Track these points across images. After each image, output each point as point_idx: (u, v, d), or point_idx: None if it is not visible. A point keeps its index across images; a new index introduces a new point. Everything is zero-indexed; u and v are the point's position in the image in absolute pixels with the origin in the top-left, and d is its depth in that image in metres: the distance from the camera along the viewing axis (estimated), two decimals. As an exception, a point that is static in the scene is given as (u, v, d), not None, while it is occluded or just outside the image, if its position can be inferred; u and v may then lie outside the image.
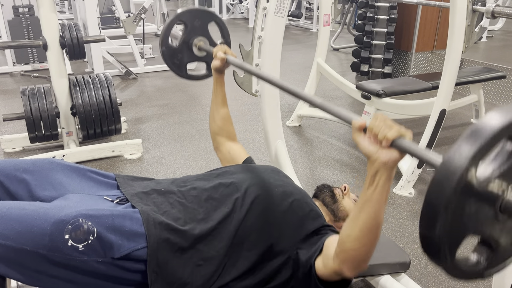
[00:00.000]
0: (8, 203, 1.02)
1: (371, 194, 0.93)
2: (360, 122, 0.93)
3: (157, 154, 3.02)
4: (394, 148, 0.87)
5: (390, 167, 0.90)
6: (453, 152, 0.61)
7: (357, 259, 1.01)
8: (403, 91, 2.95)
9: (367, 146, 0.91)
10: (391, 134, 0.86)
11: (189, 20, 1.68)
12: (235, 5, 9.74)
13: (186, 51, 1.73)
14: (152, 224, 1.10)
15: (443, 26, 4.49)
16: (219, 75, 1.61)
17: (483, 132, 0.60)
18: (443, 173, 0.62)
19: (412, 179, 2.52)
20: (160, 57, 5.45)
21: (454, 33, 2.27)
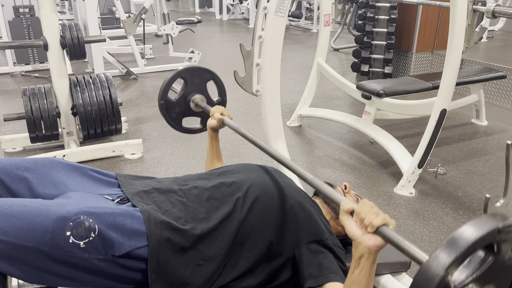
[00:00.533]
0: (10, 200, 1.02)
1: (357, 275, 0.97)
2: (348, 205, 0.98)
3: (157, 154, 3.02)
4: (378, 235, 0.91)
5: (374, 252, 0.94)
6: (431, 260, 0.70)
7: None
8: (403, 91, 2.95)
9: (353, 229, 0.95)
10: (376, 221, 0.91)
11: (189, 77, 1.77)
12: (235, 6, 9.74)
13: (184, 105, 1.81)
14: (153, 223, 1.10)
15: (443, 26, 4.49)
16: (214, 133, 1.68)
17: (459, 243, 0.69)
18: (422, 279, 0.70)
19: (412, 179, 2.52)
20: (160, 58, 5.48)
21: (455, 33, 2.27)
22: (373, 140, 3.14)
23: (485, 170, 2.82)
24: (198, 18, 5.20)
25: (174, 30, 5.13)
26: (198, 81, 1.81)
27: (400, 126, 3.49)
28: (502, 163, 2.91)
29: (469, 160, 2.96)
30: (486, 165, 2.89)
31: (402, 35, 4.50)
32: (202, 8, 10.86)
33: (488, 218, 0.73)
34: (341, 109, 3.88)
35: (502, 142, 3.24)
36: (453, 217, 2.30)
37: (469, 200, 2.46)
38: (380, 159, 2.95)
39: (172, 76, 1.76)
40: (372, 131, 2.96)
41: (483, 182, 2.67)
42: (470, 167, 2.86)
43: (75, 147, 2.92)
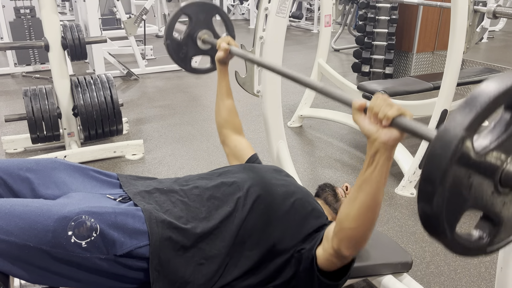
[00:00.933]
0: (12, 200, 1.02)
1: (370, 173, 0.91)
2: (360, 102, 0.92)
3: (158, 155, 3.02)
4: (394, 127, 0.86)
5: (391, 147, 0.88)
6: (448, 123, 0.59)
7: (354, 238, 1.01)
8: (404, 91, 2.95)
9: (367, 126, 0.89)
10: (391, 113, 0.85)
11: (193, 13, 1.67)
12: (236, 6, 9.74)
13: (191, 44, 1.72)
14: (154, 222, 1.10)
15: (444, 27, 4.49)
16: (223, 67, 1.61)
17: (478, 100, 0.58)
18: (438, 144, 0.60)
19: (413, 179, 2.52)
20: (161, 59, 5.48)
21: (456, 34, 2.27)
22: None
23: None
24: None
25: (175, 30, 5.12)
26: (203, 17, 1.71)
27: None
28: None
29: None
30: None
31: (403, 36, 4.50)
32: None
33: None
34: (341, 109, 3.88)
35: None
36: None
37: (470, 201, 2.46)
38: (381, 160, 2.95)
39: (176, 12, 1.66)
40: (373, 131, 2.95)
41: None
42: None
43: (76, 148, 2.92)
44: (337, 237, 1.04)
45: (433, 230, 0.65)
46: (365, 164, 0.93)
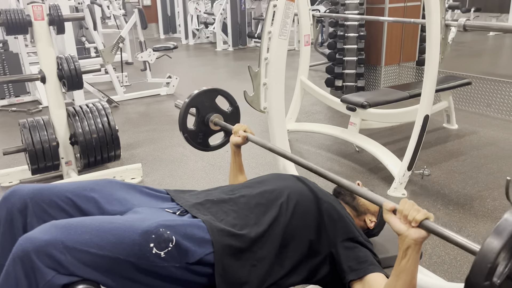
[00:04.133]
0: (96, 218, 1.11)
1: (404, 265, 1.09)
2: (390, 205, 1.12)
3: (157, 177, 3.10)
4: (421, 228, 1.05)
5: (420, 243, 1.07)
6: (486, 245, 0.84)
7: None
8: (384, 101, 3.19)
9: (398, 225, 1.08)
10: (419, 216, 1.04)
11: (198, 103, 1.90)
12: (201, 30, 9.94)
13: (204, 128, 1.95)
14: (215, 231, 1.22)
15: (407, 41, 4.85)
16: (237, 149, 1.81)
17: (505, 231, 0.83)
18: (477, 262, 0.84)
19: (403, 181, 2.73)
20: (137, 84, 5.57)
21: (432, 46, 2.53)
22: (359, 149, 3.36)
23: (464, 168, 3.08)
24: (174, 44, 5.34)
25: (151, 56, 5.23)
26: (208, 102, 1.95)
27: (381, 134, 3.72)
28: (478, 161, 3.20)
29: (448, 161, 3.22)
30: (464, 164, 3.16)
31: (371, 51, 4.81)
32: (166, 34, 10.99)
33: None
34: (322, 122, 4.11)
35: (474, 143, 3.54)
36: (445, 212, 2.52)
37: (456, 196, 2.70)
38: (369, 166, 3.16)
39: (184, 109, 1.87)
40: (359, 140, 3.17)
41: (465, 179, 2.92)
42: (451, 167, 3.12)
43: (75, 176, 2.95)
44: None
45: None
46: (398, 257, 1.11)
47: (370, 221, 1.63)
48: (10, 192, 1.20)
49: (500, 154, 3.30)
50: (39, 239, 0.98)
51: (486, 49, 8.52)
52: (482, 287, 0.83)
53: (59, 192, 1.21)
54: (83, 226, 1.05)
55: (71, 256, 0.99)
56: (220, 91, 1.98)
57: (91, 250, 1.01)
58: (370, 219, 1.63)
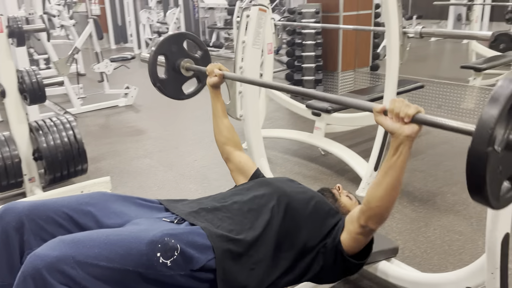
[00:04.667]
0: (102, 231, 1.10)
1: (395, 161, 1.14)
2: (380, 106, 1.14)
3: (126, 190, 3.05)
4: (414, 123, 1.08)
5: (412, 138, 1.11)
6: (485, 113, 0.85)
7: (381, 213, 1.23)
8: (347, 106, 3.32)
9: (391, 124, 1.11)
10: (411, 111, 1.07)
11: (166, 50, 1.80)
12: (154, 40, 9.82)
13: (177, 76, 1.85)
14: (215, 237, 1.24)
15: (361, 47, 5.07)
16: (216, 90, 1.75)
17: (500, 98, 0.84)
18: (478, 132, 0.86)
19: (371, 181, 2.86)
20: (93, 96, 5.45)
21: (392, 53, 2.68)
22: (324, 152, 3.47)
23: (424, 167, 3.27)
24: (131, 55, 5.27)
25: (109, 67, 5.13)
26: (175, 48, 1.83)
27: (344, 138, 3.86)
28: (435, 159, 3.40)
29: (409, 160, 3.39)
30: (423, 162, 3.35)
31: (328, 57, 4.99)
32: (118, 44, 10.76)
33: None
34: (285, 128, 4.19)
35: (430, 142, 3.76)
36: (411, 209, 2.66)
37: (419, 193, 2.86)
38: (336, 168, 3.28)
39: (153, 57, 1.76)
40: (325, 144, 3.28)
41: (425, 177, 3.10)
42: (411, 166, 3.29)
43: (40, 193, 2.84)
44: (365, 215, 1.26)
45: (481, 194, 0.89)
46: (389, 154, 1.16)
47: (352, 221, 1.70)
48: (3, 210, 1.17)
49: (453, 152, 3.53)
50: (49, 255, 0.97)
51: (430, 54, 9.02)
52: (485, 153, 0.84)
53: (55, 207, 1.19)
54: (90, 240, 1.04)
55: (82, 270, 0.99)
56: (187, 35, 1.91)
57: (101, 263, 1.01)
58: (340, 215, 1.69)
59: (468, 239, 2.32)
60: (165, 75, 1.85)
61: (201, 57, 1.91)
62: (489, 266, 1.41)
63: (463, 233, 2.37)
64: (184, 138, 4.08)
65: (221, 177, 3.18)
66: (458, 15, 10.24)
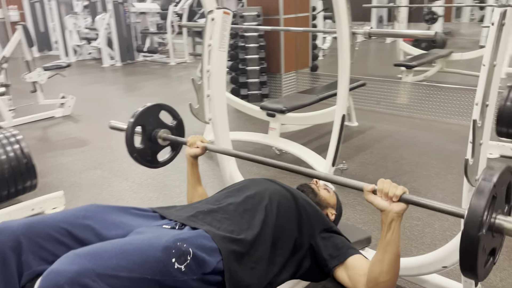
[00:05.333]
0: (115, 242, 1.05)
1: (390, 237, 1.23)
2: (370, 186, 1.25)
3: (82, 203, 2.87)
4: (402, 201, 1.20)
5: (401, 215, 1.22)
6: (472, 206, 1.00)
7: (389, 287, 1.30)
8: (300, 105, 3.42)
9: (381, 203, 1.22)
10: (398, 192, 1.19)
11: (144, 120, 1.87)
12: (83, 47, 9.38)
13: (152, 145, 1.92)
14: (219, 239, 1.24)
15: (301, 49, 5.23)
16: (195, 160, 1.81)
17: (484, 191, 0.99)
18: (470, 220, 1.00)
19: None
20: (25, 107, 5.16)
21: (343, 53, 2.81)
22: (279, 152, 3.54)
23: (373, 160, 3.45)
24: (66, 63, 5.00)
25: (42, 76, 4.82)
26: (152, 118, 1.92)
27: (295, 137, 3.97)
28: (382, 152, 3.61)
29: (359, 154, 3.57)
30: (372, 156, 3.54)
31: (270, 60, 5.08)
32: (41, 51, 10.12)
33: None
34: (236, 130, 4.21)
35: (374, 136, 3.97)
36: (370, 200, 2.80)
37: (375, 185, 3.01)
38: (293, 167, 3.35)
39: (131, 128, 1.83)
40: (281, 143, 3.35)
41: (377, 169, 3.28)
42: (362, 159, 3.46)
43: (-14, 214, 2.61)
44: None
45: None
46: (383, 232, 1.24)
47: (332, 214, 1.77)
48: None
49: (398, 144, 3.77)
50: (69, 270, 0.92)
51: (359, 54, 9.52)
52: (477, 237, 0.99)
53: (52, 223, 1.12)
54: (106, 251, 1.00)
55: (103, 283, 0.95)
56: (163, 106, 1.97)
57: (121, 274, 0.97)
58: (331, 212, 1.77)
59: (426, 224, 2.49)
60: (142, 145, 1.88)
61: (175, 126, 1.98)
62: (465, 244, 1.53)
63: (421, 219, 2.55)
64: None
65: (181, 183, 3.12)
66: (380, 17, 10.94)
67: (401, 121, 4.39)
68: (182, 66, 8.31)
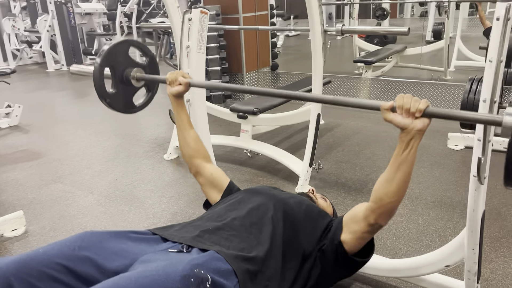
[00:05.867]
0: (129, 276, 0.91)
1: (406, 155, 1.16)
2: (388, 103, 1.14)
3: (45, 223, 2.65)
4: (425, 117, 1.11)
5: (423, 132, 1.14)
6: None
7: (393, 208, 1.25)
8: (270, 106, 3.34)
9: (402, 120, 1.12)
10: (422, 106, 1.10)
11: (112, 61, 1.64)
12: (22, 51, 8.78)
13: (125, 88, 1.70)
14: (232, 259, 1.13)
15: (261, 48, 5.16)
16: (179, 99, 1.63)
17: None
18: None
19: (307, 177, 2.91)
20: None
21: (316, 51, 2.76)
22: (251, 154, 3.45)
23: (346, 157, 3.44)
24: (11, 69, 4.61)
25: (-17, 84, 4.42)
26: (121, 58, 1.69)
27: (263, 138, 3.89)
28: (353, 149, 3.60)
29: (331, 153, 3.55)
30: (344, 153, 3.53)
31: (231, 59, 4.97)
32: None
33: None
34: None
35: (343, 134, 3.98)
36: (351, 199, 2.77)
37: (352, 183, 3.00)
38: (267, 168, 3.27)
39: (98, 71, 1.59)
40: (254, 145, 3.26)
41: (351, 166, 3.27)
42: (335, 158, 3.44)
43: None
44: (376, 213, 1.26)
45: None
46: (400, 149, 1.17)
47: (329, 221, 1.70)
48: (-19, 272, 0.90)
49: (368, 140, 3.79)
50: None
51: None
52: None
53: (46, 260, 0.96)
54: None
55: None
56: (131, 42, 1.75)
57: None
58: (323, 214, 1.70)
59: (409, 220, 2.49)
60: (113, 89, 1.66)
61: (148, 64, 1.76)
62: (470, 242, 1.51)
63: (403, 215, 2.55)
64: (95, 156, 3.71)
65: (152, 194, 2.95)
66: (329, 14, 11.12)
67: (366, 117, 4.43)
68: (134, 69, 7.97)
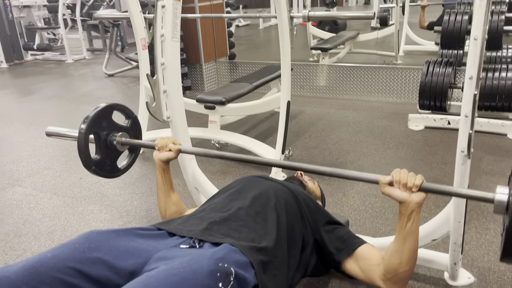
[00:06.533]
0: (157, 275, 0.87)
1: (410, 227, 1.21)
2: (387, 178, 1.21)
3: (10, 229, 2.47)
4: (421, 191, 1.18)
5: (421, 205, 1.20)
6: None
7: (407, 276, 1.29)
8: (238, 95, 3.31)
9: (400, 194, 1.19)
10: (418, 181, 1.17)
11: (96, 127, 1.67)
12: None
13: (110, 153, 1.73)
14: (247, 251, 1.11)
15: (218, 37, 5.08)
16: (166, 165, 1.67)
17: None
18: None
19: (281, 165, 2.92)
20: None
21: (284, 38, 2.75)
22: (218, 145, 3.41)
23: (314, 143, 3.49)
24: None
25: None
26: (104, 123, 1.73)
27: (230, 127, 3.85)
28: (320, 135, 3.66)
29: (299, 139, 3.58)
30: (311, 139, 3.57)
31: (189, 50, 4.87)
32: None
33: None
34: (167, 127, 3.96)
35: (307, 120, 4.02)
36: (325, 183, 2.80)
37: (324, 168, 3.04)
38: (238, 159, 3.24)
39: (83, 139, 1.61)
40: (223, 136, 3.22)
41: (321, 151, 3.31)
42: (303, 144, 3.48)
43: None
44: (392, 281, 1.28)
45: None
46: (403, 223, 1.22)
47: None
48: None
49: (332, 126, 3.85)
50: None
51: (267, 40, 9.63)
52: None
53: (57, 264, 0.90)
54: None
55: None
56: (115, 106, 1.79)
57: None
58: (318, 203, 1.73)
59: (384, 199, 2.56)
60: (98, 155, 1.68)
61: (130, 125, 1.82)
62: (456, 215, 1.58)
63: (377, 195, 2.61)
64: (53, 156, 3.51)
65: (122, 191, 2.85)
66: (278, 3, 11.14)
67: (327, 103, 4.51)
68: (81, 63, 7.62)
